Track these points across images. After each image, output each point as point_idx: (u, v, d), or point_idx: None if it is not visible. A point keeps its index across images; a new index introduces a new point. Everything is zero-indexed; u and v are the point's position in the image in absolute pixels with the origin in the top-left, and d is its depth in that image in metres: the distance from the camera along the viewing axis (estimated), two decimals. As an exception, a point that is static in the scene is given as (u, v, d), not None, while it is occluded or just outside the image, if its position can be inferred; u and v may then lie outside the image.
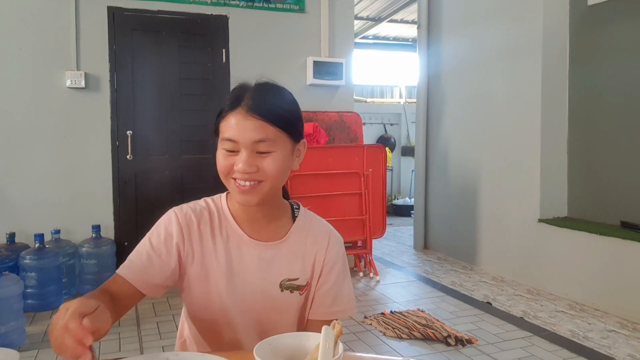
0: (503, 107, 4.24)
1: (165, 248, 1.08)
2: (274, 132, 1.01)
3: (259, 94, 1.04)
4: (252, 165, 1.01)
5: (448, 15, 4.96)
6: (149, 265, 1.06)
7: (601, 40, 3.69)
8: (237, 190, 1.04)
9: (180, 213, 1.12)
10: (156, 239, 1.09)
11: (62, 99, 3.94)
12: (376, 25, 8.43)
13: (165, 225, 1.10)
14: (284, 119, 1.04)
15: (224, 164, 1.03)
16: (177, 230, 1.09)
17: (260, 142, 1.00)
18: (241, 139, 1.00)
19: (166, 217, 1.12)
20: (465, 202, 4.67)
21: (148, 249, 1.08)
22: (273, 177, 1.03)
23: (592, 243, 3.45)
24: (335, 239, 1.19)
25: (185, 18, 4.26)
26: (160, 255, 1.07)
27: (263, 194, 1.04)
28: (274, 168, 1.02)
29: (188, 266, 1.10)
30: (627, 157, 3.51)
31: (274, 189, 1.07)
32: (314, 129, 4.32)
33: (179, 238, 1.09)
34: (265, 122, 1.00)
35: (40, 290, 3.41)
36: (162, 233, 1.09)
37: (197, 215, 1.12)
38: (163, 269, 1.07)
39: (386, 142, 8.20)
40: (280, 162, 1.03)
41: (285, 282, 1.12)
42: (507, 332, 3.05)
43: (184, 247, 1.09)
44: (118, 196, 4.11)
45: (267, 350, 0.82)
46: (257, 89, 1.06)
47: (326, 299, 1.15)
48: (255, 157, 1.01)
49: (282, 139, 1.03)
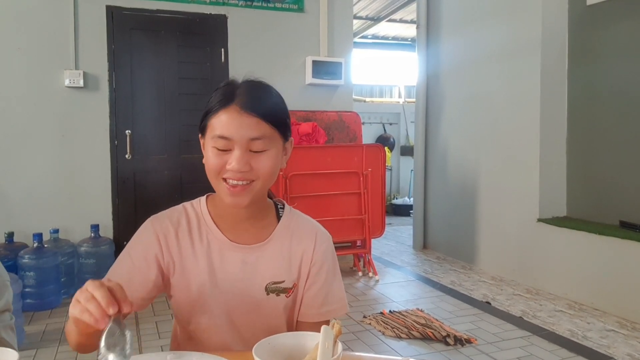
0: (502, 107, 4.24)
1: (145, 262, 1.05)
2: (268, 130, 0.99)
3: (251, 91, 1.01)
4: (246, 164, 0.98)
5: (447, 15, 4.96)
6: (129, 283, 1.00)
7: (600, 40, 3.69)
8: (227, 192, 1.00)
9: (157, 222, 1.09)
10: (135, 253, 1.06)
11: (60, 99, 3.94)
12: (375, 24, 8.43)
13: (142, 237, 1.08)
14: (277, 116, 1.02)
15: (215, 162, 1.00)
16: (154, 240, 1.06)
17: (255, 140, 0.98)
18: (236, 136, 0.97)
19: (143, 229, 1.09)
20: (465, 202, 4.67)
21: (128, 265, 1.05)
22: (266, 176, 1.01)
23: (591, 243, 3.46)
24: (322, 237, 1.15)
25: (184, 17, 4.26)
26: (140, 269, 1.05)
27: (253, 194, 1.01)
28: (268, 166, 1.00)
29: (170, 276, 1.08)
30: (626, 157, 3.52)
31: (265, 188, 1.04)
32: (313, 129, 4.31)
33: (157, 248, 1.06)
34: (261, 120, 0.98)
35: (38, 289, 3.41)
36: (140, 246, 1.07)
37: (174, 223, 1.09)
38: (145, 283, 1.05)
39: (385, 141, 8.21)
40: (273, 160, 1.01)
41: (270, 285, 1.09)
42: (506, 331, 3.06)
43: (163, 257, 1.07)
44: (117, 196, 4.10)
45: (267, 349, 0.82)
46: (249, 85, 1.03)
47: (316, 299, 1.12)
48: (249, 155, 0.99)
49: (275, 137, 1.02)
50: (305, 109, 4.53)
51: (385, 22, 8.33)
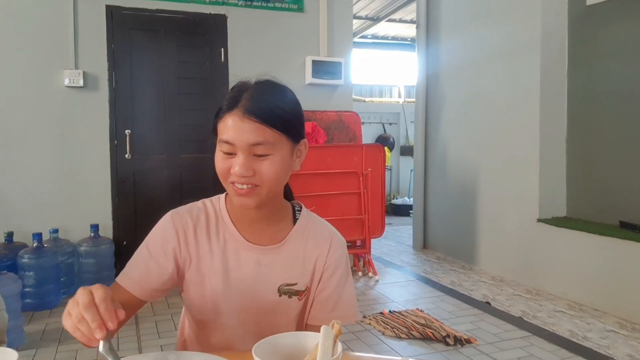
0: (502, 107, 4.24)
1: (163, 254, 1.06)
2: (271, 135, 0.97)
3: (256, 94, 1.00)
4: (248, 169, 0.97)
5: (447, 15, 4.96)
6: (146, 273, 1.05)
7: (600, 40, 3.69)
8: (234, 193, 1.01)
9: (177, 216, 1.09)
10: (153, 245, 1.07)
11: (60, 98, 3.93)
12: (375, 24, 8.43)
13: (161, 230, 1.09)
14: (283, 120, 0.99)
15: (221, 166, 1.00)
16: (173, 234, 1.07)
17: (257, 145, 0.97)
18: (238, 141, 0.96)
19: (162, 222, 1.10)
20: (464, 202, 4.67)
21: (146, 256, 1.06)
22: (270, 181, 1.00)
23: (591, 243, 3.46)
24: (338, 242, 1.14)
25: (183, 17, 4.25)
26: (158, 261, 1.06)
27: (261, 197, 1.01)
28: (271, 172, 0.99)
29: (185, 270, 1.09)
30: (626, 157, 3.52)
31: (272, 192, 1.03)
32: (312, 129, 4.31)
33: (176, 242, 1.07)
34: (262, 125, 0.96)
35: (38, 289, 3.40)
36: (159, 238, 1.08)
37: (194, 218, 1.10)
38: (161, 275, 1.06)
39: (385, 141, 8.21)
40: (278, 165, 0.99)
41: (283, 287, 1.09)
42: (506, 331, 3.05)
43: (181, 252, 1.08)
44: (116, 195, 4.10)
45: (266, 349, 0.82)
46: (256, 88, 1.02)
47: (326, 304, 1.12)
48: (253, 160, 0.97)
49: (281, 142, 1.00)
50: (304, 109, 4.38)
51: (384, 22, 8.33)
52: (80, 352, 2.77)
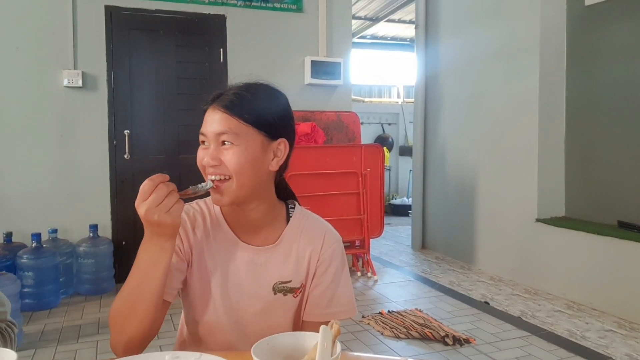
0: (501, 107, 4.24)
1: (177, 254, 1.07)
2: (236, 125, 1.00)
3: (235, 91, 1.03)
4: (215, 158, 1.00)
5: (446, 15, 4.97)
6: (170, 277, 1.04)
7: (598, 40, 3.70)
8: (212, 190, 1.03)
9: None
10: None
11: (59, 98, 3.93)
12: (374, 25, 8.43)
13: None
14: (252, 112, 1.01)
15: (199, 159, 1.05)
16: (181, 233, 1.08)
17: (222, 134, 1.00)
18: (207, 132, 1.02)
19: None
20: (463, 202, 4.68)
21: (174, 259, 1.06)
22: (236, 172, 1.00)
23: (590, 243, 3.46)
24: (332, 238, 1.14)
25: (182, 17, 4.25)
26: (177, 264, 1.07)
27: (233, 192, 1.01)
28: (234, 161, 0.99)
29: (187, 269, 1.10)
30: (625, 157, 3.52)
31: (245, 188, 1.02)
32: (311, 129, 4.31)
33: (179, 242, 1.08)
34: (228, 115, 1.00)
35: (37, 289, 3.40)
36: None
37: (191, 219, 1.11)
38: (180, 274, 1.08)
39: (384, 141, 8.21)
40: (242, 155, 0.99)
41: (278, 284, 1.10)
42: (504, 331, 3.06)
43: (184, 251, 1.09)
44: (115, 196, 4.10)
45: (265, 350, 0.82)
46: (237, 86, 1.05)
47: (321, 300, 1.12)
48: (220, 150, 1.01)
49: (249, 134, 1.00)
50: (304, 109, 4.53)
51: (384, 22, 8.33)
52: (80, 352, 2.77)
